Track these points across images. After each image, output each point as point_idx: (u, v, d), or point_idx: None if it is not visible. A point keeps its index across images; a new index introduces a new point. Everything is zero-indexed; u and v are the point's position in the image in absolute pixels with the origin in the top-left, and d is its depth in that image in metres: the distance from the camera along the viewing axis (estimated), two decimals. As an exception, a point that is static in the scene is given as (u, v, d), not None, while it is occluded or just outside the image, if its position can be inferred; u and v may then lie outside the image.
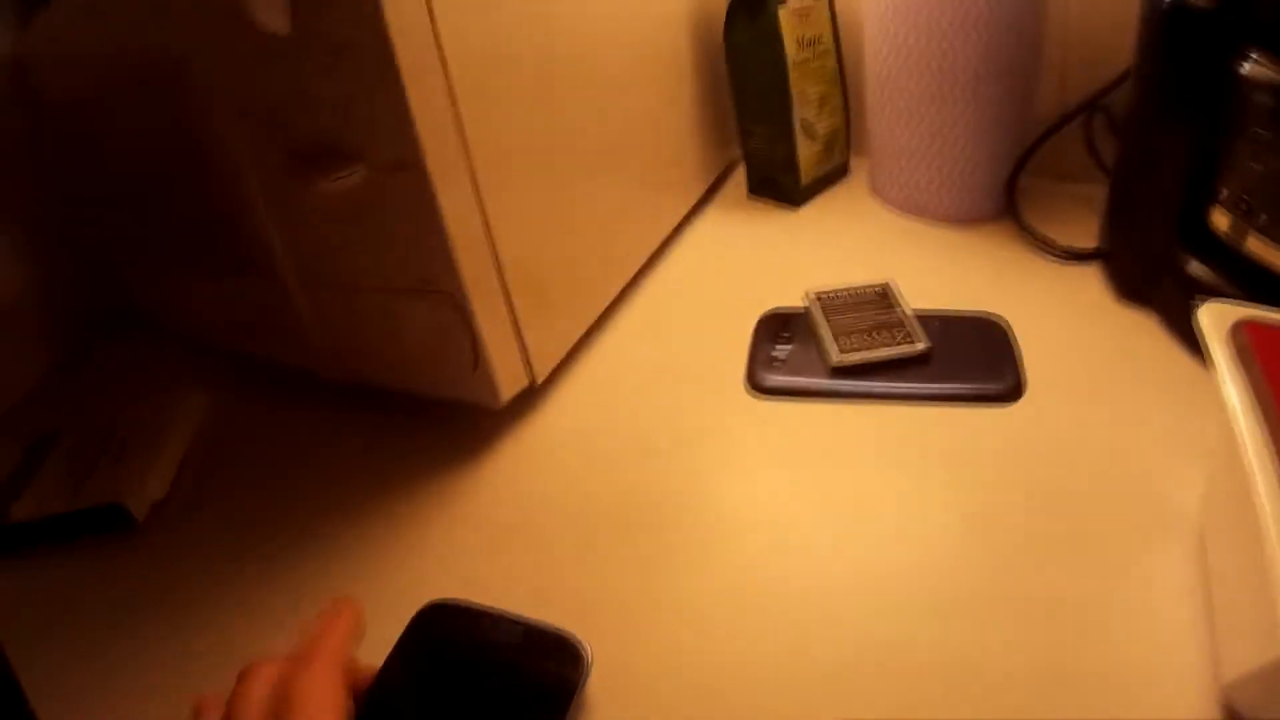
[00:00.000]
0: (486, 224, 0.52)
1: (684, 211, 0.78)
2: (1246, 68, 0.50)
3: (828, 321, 0.60)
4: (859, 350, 0.57)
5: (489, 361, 0.54)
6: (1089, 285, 0.64)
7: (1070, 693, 0.39)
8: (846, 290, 0.63)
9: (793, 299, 0.65)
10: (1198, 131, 0.54)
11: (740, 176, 0.84)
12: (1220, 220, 0.54)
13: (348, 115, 0.49)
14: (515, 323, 0.55)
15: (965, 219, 0.72)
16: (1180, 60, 0.53)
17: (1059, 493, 0.49)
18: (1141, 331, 0.59)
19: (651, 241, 0.73)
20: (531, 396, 0.60)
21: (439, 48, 0.48)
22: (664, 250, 0.74)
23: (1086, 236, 0.67)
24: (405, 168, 0.49)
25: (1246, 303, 0.41)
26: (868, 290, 0.62)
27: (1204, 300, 0.41)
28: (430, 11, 0.47)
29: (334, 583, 0.51)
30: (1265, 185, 0.51)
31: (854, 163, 0.84)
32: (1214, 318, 0.40)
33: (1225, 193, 0.54)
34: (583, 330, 0.64)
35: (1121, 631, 0.41)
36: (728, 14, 0.71)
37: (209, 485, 0.60)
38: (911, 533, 0.48)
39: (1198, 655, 0.39)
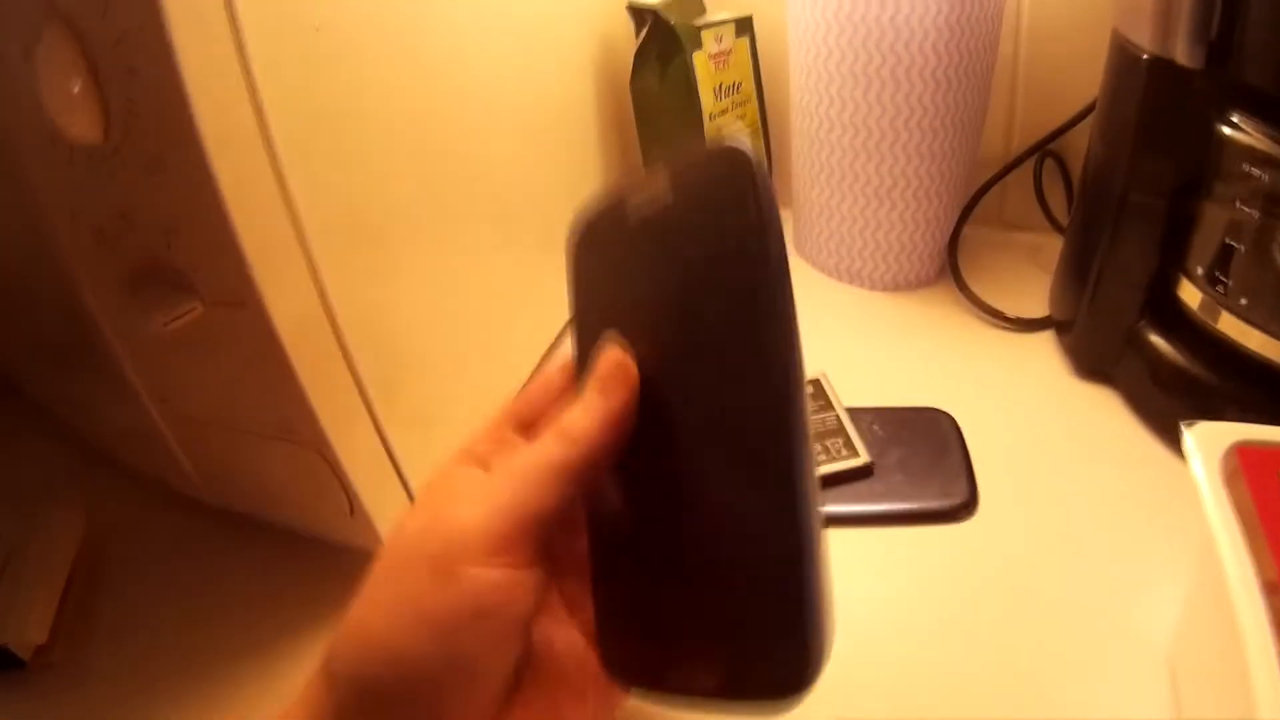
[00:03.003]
0: (348, 357, 0.41)
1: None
2: (1230, 133, 0.42)
3: (755, 429, 0.50)
4: (793, 466, 0.48)
5: (365, 509, 0.44)
6: (1042, 357, 0.56)
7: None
8: (774, 388, 0.52)
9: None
10: (1170, 198, 0.46)
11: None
12: (1189, 296, 0.47)
13: (172, 241, 0.37)
14: (394, 462, 0.45)
15: (904, 285, 0.62)
16: (1156, 119, 0.46)
17: (1017, 622, 0.41)
18: (1103, 414, 0.51)
19: (552, 325, 0.61)
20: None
21: (270, 150, 0.37)
22: (562, 334, 0.62)
23: (1034, 294, 0.59)
24: (241, 305, 0.38)
25: (1237, 423, 0.34)
26: (799, 387, 0.52)
27: (1193, 423, 0.34)
28: (257, 108, 0.36)
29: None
30: (1247, 268, 0.43)
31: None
32: (1205, 440, 0.34)
33: (1198, 269, 0.46)
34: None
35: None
36: (636, 58, 0.59)
37: (95, 620, 0.50)
38: (864, 666, 0.40)
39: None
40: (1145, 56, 0.44)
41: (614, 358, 0.28)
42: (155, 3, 0.32)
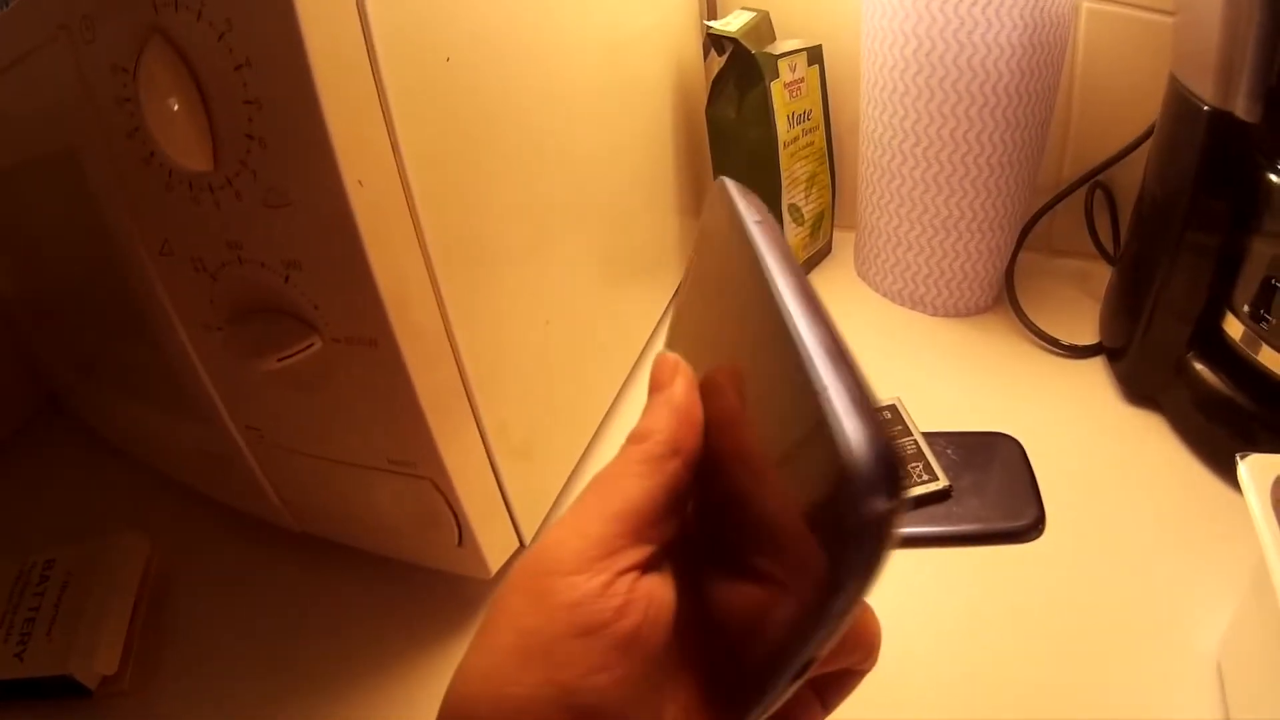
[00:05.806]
0: (469, 393, 0.39)
1: (664, 305, 0.63)
2: (1278, 180, 0.42)
3: (839, 455, 0.49)
4: (877, 493, 0.47)
5: (475, 538, 0.42)
6: (1093, 382, 0.56)
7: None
8: (854, 413, 0.51)
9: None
10: (1222, 238, 0.46)
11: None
12: (1233, 329, 0.47)
13: (291, 276, 0.35)
14: (503, 493, 0.43)
15: (964, 311, 0.62)
16: (1214, 165, 0.45)
17: (1079, 635, 0.42)
18: (1152, 438, 0.52)
19: (634, 348, 0.59)
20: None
21: (406, 189, 0.34)
22: (642, 356, 0.61)
23: (1082, 319, 0.59)
24: (369, 343, 0.36)
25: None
26: (877, 412, 0.51)
27: (1246, 454, 0.35)
28: (395, 148, 0.34)
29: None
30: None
31: (835, 236, 0.71)
32: (1256, 469, 0.34)
33: (1244, 305, 0.46)
34: (569, 471, 0.51)
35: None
36: (713, 85, 0.57)
37: (163, 647, 0.47)
38: (942, 672, 0.41)
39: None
40: (1206, 108, 0.44)
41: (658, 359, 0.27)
42: (292, 36, 0.29)
